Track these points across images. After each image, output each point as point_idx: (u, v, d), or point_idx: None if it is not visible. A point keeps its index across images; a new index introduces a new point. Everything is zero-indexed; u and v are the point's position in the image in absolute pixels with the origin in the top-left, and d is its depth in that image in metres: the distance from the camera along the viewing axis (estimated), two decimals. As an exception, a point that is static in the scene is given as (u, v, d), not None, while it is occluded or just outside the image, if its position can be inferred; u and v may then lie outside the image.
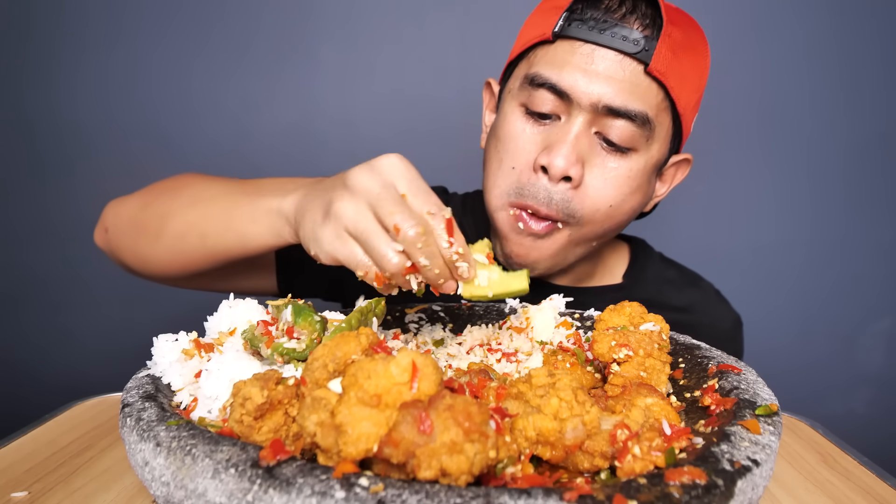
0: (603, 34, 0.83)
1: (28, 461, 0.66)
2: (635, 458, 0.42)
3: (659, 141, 0.89)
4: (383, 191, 0.62)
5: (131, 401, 0.51)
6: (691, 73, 0.88)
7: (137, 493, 0.59)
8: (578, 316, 0.83)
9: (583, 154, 0.86)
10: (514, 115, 0.90)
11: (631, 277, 1.08)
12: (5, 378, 1.76)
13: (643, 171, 0.89)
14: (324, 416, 0.38)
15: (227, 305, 0.64)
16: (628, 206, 0.90)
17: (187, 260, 0.87)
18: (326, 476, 0.36)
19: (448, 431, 0.35)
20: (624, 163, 0.87)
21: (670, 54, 0.83)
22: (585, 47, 0.84)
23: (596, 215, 0.88)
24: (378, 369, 0.37)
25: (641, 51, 0.82)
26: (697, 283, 1.12)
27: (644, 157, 0.88)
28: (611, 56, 0.83)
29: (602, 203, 0.88)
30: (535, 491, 0.35)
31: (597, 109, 0.84)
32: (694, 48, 0.88)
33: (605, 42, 0.83)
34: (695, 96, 0.91)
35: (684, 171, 1.00)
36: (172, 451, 0.41)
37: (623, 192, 0.88)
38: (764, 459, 0.42)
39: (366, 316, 0.62)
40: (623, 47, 0.82)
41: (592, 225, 0.90)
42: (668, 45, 0.83)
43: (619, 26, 0.83)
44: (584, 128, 0.85)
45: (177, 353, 0.58)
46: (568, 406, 0.44)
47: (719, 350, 0.68)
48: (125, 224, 0.93)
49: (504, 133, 0.91)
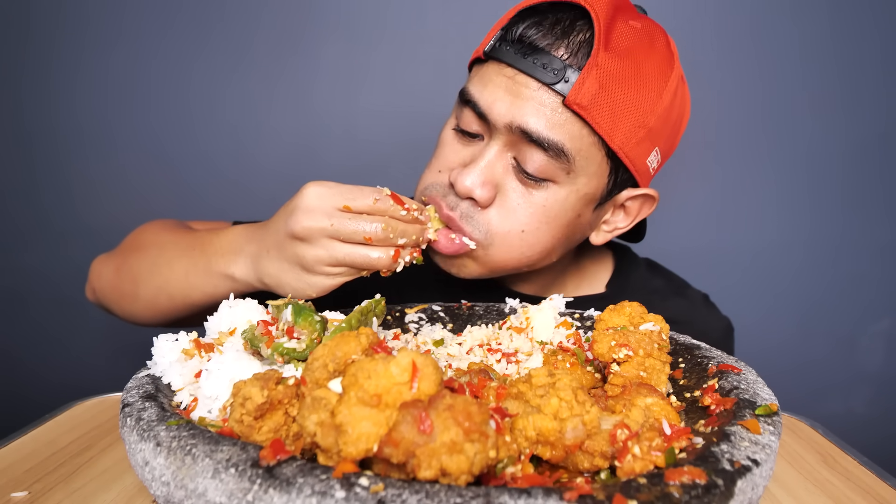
0: (525, 59, 0.78)
1: (28, 461, 0.66)
2: (635, 458, 0.42)
3: (587, 175, 0.83)
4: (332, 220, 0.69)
5: (131, 401, 0.51)
6: (629, 106, 0.79)
7: (137, 493, 0.59)
8: (578, 316, 0.83)
9: (496, 178, 0.82)
10: (449, 126, 0.91)
11: (614, 287, 1.05)
12: (5, 378, 1.76)
13: (565, 203, 0.84)
14: (324, 416, 0.38)
15: (227, 305, 0.64)
16: (549, 236, 0.85)
17: (166, 315, 0.94)
18: (326, 476, 0.36)
19: (448, 431, 0.35)
20: (539, 193, 0.82)
21: (596, 86, 0.76)
22: (508, 71, 0.81)
23: (506, 238, 0.84)
24: (378, 369, 0.37)
25: (559, 81, 0.77)
26: (684, 291, 1.09)
27: (565, 189, 0.83)
28: (532, 84, 0.78)
29: (510, 227, 0.83)
30: (535, 491, 0.35)
31: (511, 131, 0.80)
32: (638, 79, 0.79)
33: (526, 69, 0.78)
34: (639, 131, 0.81)
35: (649, 207, 0.94)
36: (172, 450, 0.41)
37: (538, 221, 0.83)
38: (764, 459, 0.42)
39: (366, 316, 0.62)
40: (541, 76, 0.77)
41: (505, 249, 0.85)
42: (594, 77, 0.76)
43: (543, 52, 0.78)
44: (501, 153, 0.82)
45: (177, 353, 0.58)
46: (568, 406, 0.44)
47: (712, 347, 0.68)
48: (107, 287, 1.00)
49: (441, 140, 0.92)
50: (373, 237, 0.70)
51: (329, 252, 0.70)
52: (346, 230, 0.69)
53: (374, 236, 0.70)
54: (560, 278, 1.05)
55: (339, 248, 0.70)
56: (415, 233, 0.74)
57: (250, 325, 0.60)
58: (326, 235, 0.70)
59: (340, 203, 0.70)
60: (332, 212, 0.70)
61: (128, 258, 0.98)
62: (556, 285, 1.05)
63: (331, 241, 0.70)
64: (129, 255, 0.99)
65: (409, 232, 0.73)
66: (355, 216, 0.70)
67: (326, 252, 0.70)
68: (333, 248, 0.70)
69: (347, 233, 0.70)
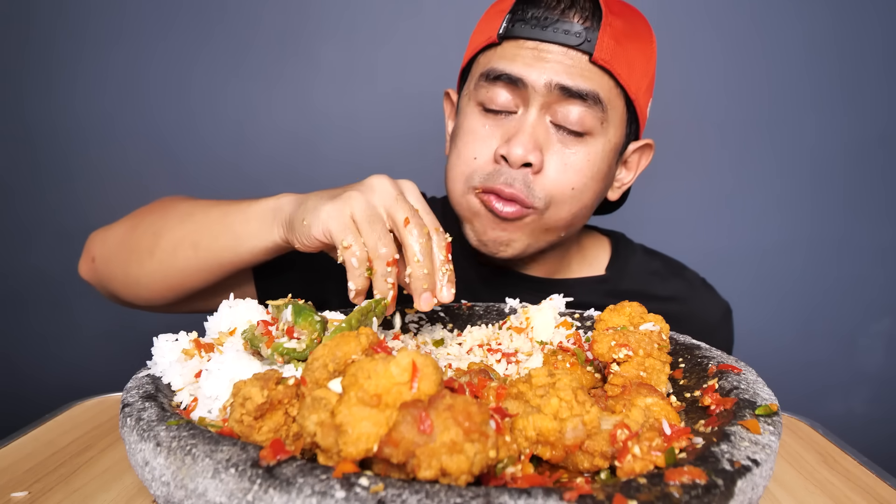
0: (545, 31, 0.86)
1: (28, 461, 0.66)
2: (635, 458, 0.42)
3: (614, 125, 0.91)
4: (400, 197, 0.66)
5: (131, 401, 0.51)
6: (638, 58, 0.90)
7: (137, 493, 0.59)
8: (578, 316, 0.83)
9: (540, 142, 0.88)
10: (472, 113, 0.93)
11: (615, 269, 1.10)
12: (5, 378, 1.76)
13: (602, 156, 0.91)
14: (324, 416, 0.38)
15: (227, 305, 0.64)
16: (591, 191, 0.92)
17: (179, 274, 0.87)
18: (326, 476, 0.36)
19: (448, 431, 0.35)
20: (582, 147, 0.89)
21: (613, 43, 0.86)
22: (530, 44, 0.87)
23: (560, 198, 0.90)
24: (378, 369, 0.37)
25: (584, 42, 0.85)
26: (682, 272, 1.14)
27: (601, 140, 0.90)
28: (555, 49, 0.86)
29: (564, 186, 0.89)
30: (535, 491, 0.35)
31: (550, 90, 0.86)
32: (638, 35, 0.91)
33: (548, 38, 0.86)
34: (644, 81, 0.93)
35: (648, 156, 1.02)
36: (172, 450, 0.41)
37: (584, 176, 0.90)
38: (764, 459, 0.42)
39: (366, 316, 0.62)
40: (566, 40, 0.85)
41: (558, 208, 0.91)
42: (609, 35, 0.86)
43: (561, 21, 0.86)
44: (540, 117, 0.88)
45: (177, 352, 0.58)
46: (568, 406, 0.44)
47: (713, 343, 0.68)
48: (114, 248, 0.93)
49: (464, 130, 0.93)
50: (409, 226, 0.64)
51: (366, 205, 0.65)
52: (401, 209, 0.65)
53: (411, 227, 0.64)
54: (566, 260, 1.08)
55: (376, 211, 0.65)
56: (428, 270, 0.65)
57: (250, 325, 0.60)
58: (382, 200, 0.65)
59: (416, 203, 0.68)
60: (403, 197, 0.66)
61: (149, 214, 0.92)
62: (563, 268, 1.08)
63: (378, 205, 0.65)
64: (151, 213, 0.93)
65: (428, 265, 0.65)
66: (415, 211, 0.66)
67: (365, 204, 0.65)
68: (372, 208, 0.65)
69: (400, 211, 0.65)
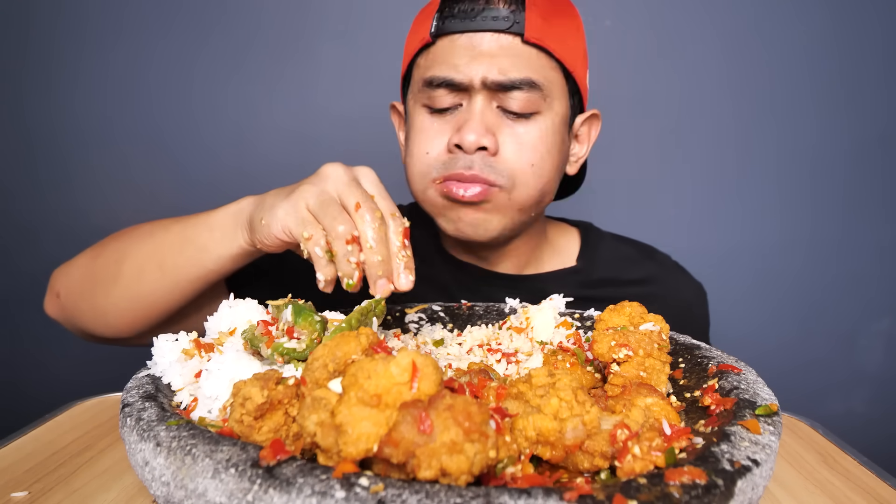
0: (475, 20, 0.89)
1: (28, 461, 0.66)
2: (635, 458, 0.42)
3: (558, 99, 0.94)
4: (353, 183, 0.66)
5: (131, 401, 0.51)
6: (566, 32, 0.93)
7: (137, 493, 0.59)
8: (578, 316, 0.83)
9: (491, 126, 0.90)
10: (419, 115, 0.95)
11: (585, 259, 1.10)
12: (5, 378, 1.76)
13: (552, 129, 0.93)
14: (324, 416, 0.38)
15: (228, 305, 0.64)
16: (550, 165, 0.94)
17: (147, 298, 0.85)
18: (326, 476, 0.36)
19: (448, 431, 0.35)
20: (532, 126, 0.92)
21: (541, 20, 0.89)
22: (462, 37, 0.90)
23: (523, 176, 0.92)
24: (378, 369, 0.37)
25: (513, 24, 0.88)
26: (653, 255, 1.15)
27: (549, 116, 0.93)
28: (487, 38, 0.89)
29: (524, 163, 0.91)
30: (535, 491, 0.35)
31: (488, 86, 0.89)
32: (563, 11, 0.94)
33: (478, 27, 0.89)
34: (578, 52, 0.96)
35: (597, 127, 1.05)
36: (172, 450, 0.41)
37: (540, 152, 0.92)
38: (764, 459, 0.42)
39: (366, 316, 0.62)
40: (495, 26, 0.89)
41: (524, 186, 0.92)
42: (536, 14, 0.89)
43: (487, 9, 0.89)
44: (486, 104, 0.90)
45: (177, 353, 0.58)
46: (568, 406, 0.44)
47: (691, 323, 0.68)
48: (78, 281, 0.91)
49: (415, 130, 0.95)
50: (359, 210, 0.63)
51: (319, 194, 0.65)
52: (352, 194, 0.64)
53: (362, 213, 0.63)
54: (536, 253, 1.09)
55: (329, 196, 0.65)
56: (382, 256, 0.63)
57: (250, 325, 0.60)
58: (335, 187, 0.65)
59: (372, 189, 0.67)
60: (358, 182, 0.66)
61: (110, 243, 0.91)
62: (534, 262, 1.09)
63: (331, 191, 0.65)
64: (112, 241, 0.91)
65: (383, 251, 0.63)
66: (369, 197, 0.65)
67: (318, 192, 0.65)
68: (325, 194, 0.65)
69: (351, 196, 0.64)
